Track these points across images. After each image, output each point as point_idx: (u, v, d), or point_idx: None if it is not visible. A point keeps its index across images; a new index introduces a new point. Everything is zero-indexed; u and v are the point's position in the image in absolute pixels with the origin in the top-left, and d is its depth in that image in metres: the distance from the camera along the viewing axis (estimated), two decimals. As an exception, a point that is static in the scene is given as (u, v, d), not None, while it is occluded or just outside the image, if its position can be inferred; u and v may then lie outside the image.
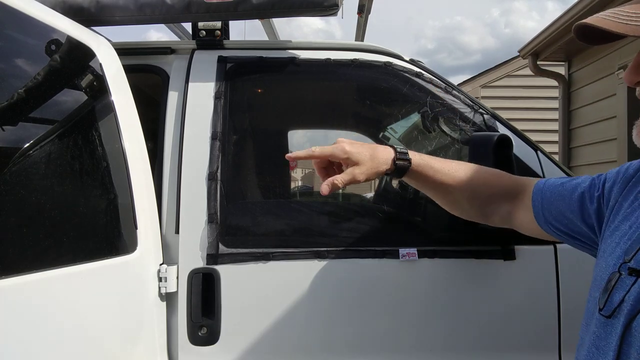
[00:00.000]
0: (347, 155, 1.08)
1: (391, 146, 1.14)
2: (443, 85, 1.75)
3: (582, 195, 0.97)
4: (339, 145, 1.10)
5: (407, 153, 1.13)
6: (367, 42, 2.08)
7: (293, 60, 1.76)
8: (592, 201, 0.94)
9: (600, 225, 0.92)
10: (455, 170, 1.14)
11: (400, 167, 1.12)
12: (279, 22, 2.41)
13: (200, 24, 1.77)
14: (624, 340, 0.71)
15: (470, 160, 1.46)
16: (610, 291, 0.76)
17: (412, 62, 1.79)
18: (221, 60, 1.76)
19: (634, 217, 0.84)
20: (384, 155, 1.12)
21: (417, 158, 1.14)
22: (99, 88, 1.48)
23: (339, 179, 1.06)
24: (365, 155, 1.09)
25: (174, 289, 1.60)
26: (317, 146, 1.12)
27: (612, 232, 0.87)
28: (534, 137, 1.95)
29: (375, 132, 2.11)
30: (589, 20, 0.77)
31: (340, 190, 1.26)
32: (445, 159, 1.19)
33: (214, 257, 1.61)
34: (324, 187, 1.06)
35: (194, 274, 1.61)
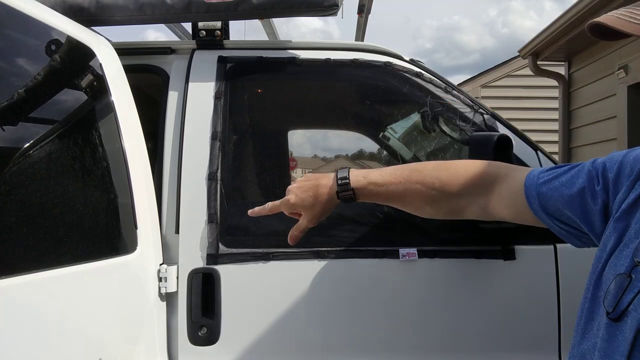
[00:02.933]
0: (293, 210, 1.14)
1: (336, 174, 1.12)
2: (443, 85, 1.75)
3: (582, 193, 0.90)
4: (284, 201, 1.14)
5: (349, 182, 1.10)
6: (367, 42, 2.08)
7: (293, 60, 1.76)
8: (595, 199, 0.88)
9: (606, 221, 0.86)
10: (408, 178, 1.09)
11: (346, 198, 1.11)
12: (276, 22, 2.41)
13: (200, 24, 1.77)
14: (635, 344, 0.69)
15: (470, 160, 1.46)
16: (622, 294, 0.73)
17: (412, 62, 1.79)
18: (221, 60, 1.76)
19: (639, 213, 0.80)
20: (327, 194, 1.11)
21: (361, 181, 1.10)
22: (99, 88, 1.48)
23: (297, 230, 1.14)
24: (309, 202, 1.12)
25: (174, 289, 1.60)
26: (270, 202, 1.18)
27: (618, 229, 0.83)
28: (534, 137, 1.95)
29: (375, 132, 2.11)
30: (603, 19, 0.75)
31: None
32: (397, 167, 1.14)
33: (214, 257, 1.61)
34: (290, 241, 1.16)
35: (194, 274, 1.61)
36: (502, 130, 1.69)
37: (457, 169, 1.10)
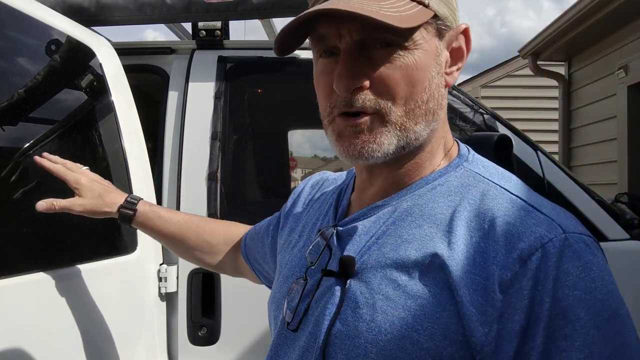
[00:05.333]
0: (77, 186, 1.08)
1: (131, 195, 1.13)
2: (443, 85, 1.75)
3: (267, 231, 1.01)
4: (77, 175, 1.09)
5: (136, 203, 1.09)
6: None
7: (293, 60, 1.76)
8: (268, 235, 0.99)
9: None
10: (186, 221, 1.11)
11: (124, 214, 1.08)
12: (276, 22, 2.41)
13: (200, 24, 1.77)
14: (326, 353, 0.65)
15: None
16: (298, 302, 0.71)
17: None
18: (221, 60, 1.76)
19: (300, 224, 0.85)
20: (113, 199, 1.09)
21: (147, 208, 1.10)
22: (99, 88, 1.48)
23: (57, 202, 1.05)
24: (95, 192, 1.09)
25: (174, 289, 1.60)
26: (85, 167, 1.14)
27: (281, 248, 0.88)
28: (534, 137, 1.95)
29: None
30: (337, 4, 0.60)
31: None
32: (194, 214, 1.17)
33: (214, 257, 1.61)
34: (40, 203, 1.04)
35: (194, 274, 1.61)
36: (502, 130, 1.69)
37: (233, 226, 1.14)
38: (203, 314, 1.60)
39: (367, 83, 0.63)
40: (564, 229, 0.59)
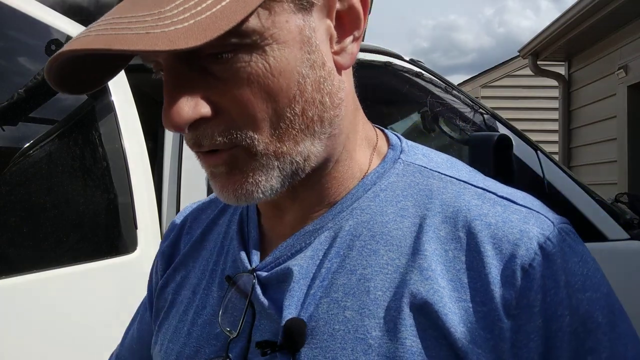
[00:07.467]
0: None
1: None
2: (443, 85, 1.75)
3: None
4: None
5: None
6: (366, 42, 2.08)
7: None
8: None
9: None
10: None
11: None
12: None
13: (200, 24, 1.77)
14: None
15: (470, 160, 1.46)
16: None
17: (412, 62, 1.79)
18: (221, 60, 1.75)
19: (190, 278, 0.60)
20: None
21: None
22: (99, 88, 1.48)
23: None
24: None
25: (174, 289, 1.60)
26: None
27: (168, 313, 0.60)
28: (534, 137, 1.95)
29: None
30: (75, 45, 0.40)
31: None
32: None
33: (214, 257, 1.61)
34: None
35: (194, 274, 1.61)
36: (502, 130, 1.69)
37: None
38: (203, 314, 1.60)
39: (207, 111, 0.43)
40: (552, 220, 0.48)
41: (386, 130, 0.60)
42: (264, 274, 0.52)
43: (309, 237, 0.52)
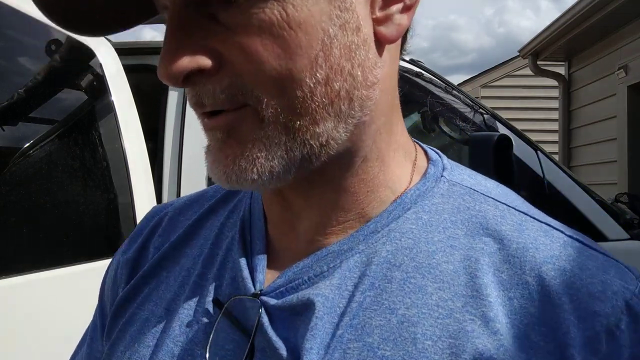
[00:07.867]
0: None
1: None
2: (443, 85, 1.75)
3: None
4: None
5: None
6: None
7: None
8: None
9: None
10: None
11: None
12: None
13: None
14: None
15: (470, 160, 1.46)
16: None
17: (412, 62, 1.79)
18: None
19: (165, 297, 0.47)
20: None
21: None
22: (99, 88, 1.48)
23: None
24: None
25: (174, 289, 1.60)
26: None
27: (123, 332, 0.48)
28: (534, 137, 1.96)
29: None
30: None
31: None
32: None
33: (214, 257, 1.61)
34: None
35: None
36: (502, 130, 1.69)
37: None
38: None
39: (207, 62, 0.36)
40: (633, 272, 0.40)
41: (422, 144, 0.50)
42: (273, 301, 0.40)
43: (333, 259, 0.40)
